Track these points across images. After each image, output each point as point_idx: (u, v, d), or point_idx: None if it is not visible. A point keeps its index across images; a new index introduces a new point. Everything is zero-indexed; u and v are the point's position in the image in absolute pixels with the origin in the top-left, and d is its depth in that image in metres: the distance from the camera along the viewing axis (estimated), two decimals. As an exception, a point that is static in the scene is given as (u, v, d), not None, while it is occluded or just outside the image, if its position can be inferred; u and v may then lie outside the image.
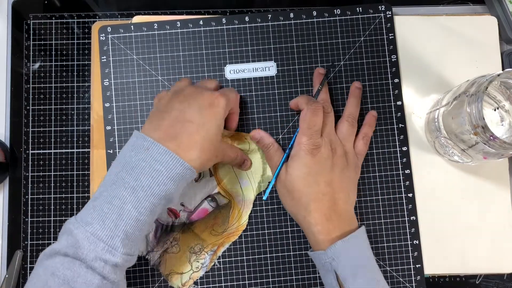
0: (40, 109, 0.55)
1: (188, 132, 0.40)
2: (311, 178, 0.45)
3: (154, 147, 0.39)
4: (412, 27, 0.55)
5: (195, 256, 0.50)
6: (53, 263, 0.37)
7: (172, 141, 0.40)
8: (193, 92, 0.44)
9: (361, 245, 0.44)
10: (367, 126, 0.51)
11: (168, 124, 0.41)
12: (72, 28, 0.56)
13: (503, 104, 0.47)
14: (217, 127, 0.43)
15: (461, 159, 0.50)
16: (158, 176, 0.38)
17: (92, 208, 0.38)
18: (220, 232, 0.50)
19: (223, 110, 0.43)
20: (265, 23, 0.54)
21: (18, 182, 0.54)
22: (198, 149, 0.40)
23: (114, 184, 0.39)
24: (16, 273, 0.51)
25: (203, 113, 0.42)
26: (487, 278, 0.53)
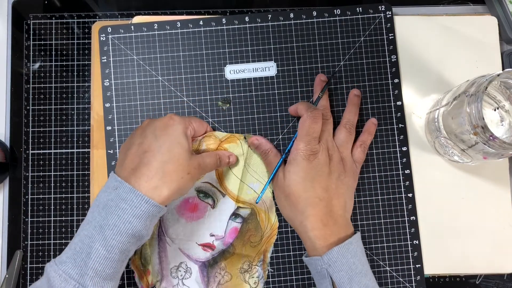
0: (40, 109, 0.55)
1: (145, 162, 0.41)
2: (308, 182, 0.45)
3: (122, 186, 0.40)
4: (412, 27, 0.55)
5: (248, 274, 0.50)
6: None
7: (134, 176, 0.40)
8: (149, 122, 0.44)
9: (357, 251, 0.44)
10: (366, 134, 0.51)
11: (129, 160, 0.42)
12: (72, 28, 0.56)
13: (503, 104, 0.47)
14: (178, 144, 0.42)
15: (461, 159, 0.50)
16: (123, 215, 0.39)
17: (68, 247, 0.40)
18: (258, 241, 0.50)
19: (180, 125, 0.43)
20: (265, 23, 0.54)
21: (18, 182, 0.54)
22: (159, 176, 0.40)
23: (88, 223, 0.40)
24: (16, 273, 0.51)
25: (159, 137, 0.42)
26: (487, 278, 0.53)
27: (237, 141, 0.51)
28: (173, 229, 0.50)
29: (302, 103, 0.48)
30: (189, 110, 0.53)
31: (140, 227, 0.39)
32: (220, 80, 0.53)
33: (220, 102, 0.53)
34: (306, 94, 0.53)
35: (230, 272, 0.50)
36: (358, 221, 0.52)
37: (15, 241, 0.53)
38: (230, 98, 0.53)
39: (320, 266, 0.43)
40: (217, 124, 0.52)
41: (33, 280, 0.52)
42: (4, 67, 0.55)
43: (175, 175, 0.41)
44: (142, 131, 0.44)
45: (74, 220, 0.53)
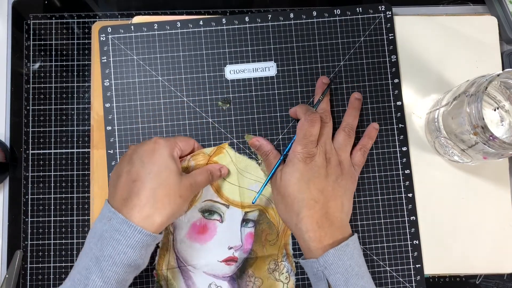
0: (40, 109, 0.55)
1: (136, 192, 0.41)
2: (303, 184, 0.45)
3: (115, 217, 0.40)
4: (412, 27, 0.55)
5: (277, 272, 0.50)
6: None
7: (126, 207, 0.40)
8: (135, 149, 0.44)
9: (353, 253, 0.44)
10: (366, 138, 0.51)
11: (120, 190, 0.42)
12: (72, 28, 0.56)
13: (503, 104, 0.47)
14: (166, 169, 0.42)
15: (461, 159, 0.50)
16: (118, 246, 0.39)
17: (68, 278, 0.40)
18: (275, 238, 0.50)
19: (166, 148, 0.43)
20: (265, 23, 0.54)
21: (18, 182, 0.54)
22: (150, 204, 0.40)
23: (85, 254, 0.40)
24: (16, 273, 0.51)
25: (146, 164, 0.42)
26: (487, 278, 0.53)
27: (223, 151, 0.51)
28: (191, 257, 0.50)
29: (301, 106, 0.48)
30: (189, 110, 0.53)
31: (136, 257, 0.40)
32: (220, 80, 0.53)
33: (220, 102, 0.53)
34: (306, 94, 0.53)
35: (260, 276, 0.50)
36: (358, 221, 0.52)
37: (15, 241, 0.53)
38: (230, 98, 0.53)
39: (316, 269, 0.43)
40: (217, 124, 0.52)
41: (33, 280, 0.52)
42: (4, 67, 0.55)
43: (166, 201, 0.41)
44: (129, 159, 0.43)
45: (74, 220, 0.53)
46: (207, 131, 0.52)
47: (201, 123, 0.53)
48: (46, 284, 0.52)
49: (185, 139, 0.48)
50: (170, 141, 0.45)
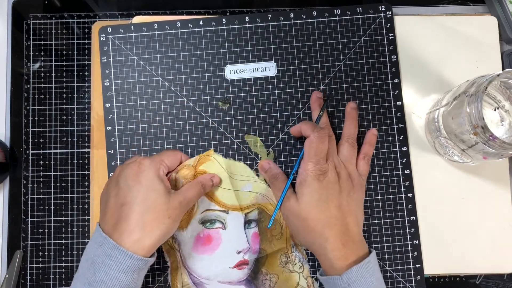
0: (40, 109, 0.55)
1: (124, 217, 0.41)
2: (323, 203, 0.44)
3: (106, 242, 0.40)
4: (412, 27, 0.55)
5: (290, 264, 0.50)
6: None
7: (116, 232, 0.41)
8: (121, 171, 0.44)
9: (374, 270, 0.44)
10: (367, 146, 0.51)
11: (109, 215, 0.42)
12: (72, 28, 0.56)
13: (503, 104, 0.47)
14: (153, 191, 0.42)
15: (461, 159, 0.50)
16: (110, 271, 0.39)
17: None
18: (280, 231, 0.50)
19: (150, 170, 0.43)
20: (265, 23, 0.54)
21: (18, 182, 0.54)
22: (139, 229, 0.41)
23: (78, 279, 0.41)
24: (16, 273, 0.51)
25: (132, 187, 0.42)
26: (487, 278, 0.53)
27: (209, 158, 0.51)
28: (202, 270, 0.50)
29: (306, 123, 0.48)
30: (189, 110, 0.53)
31: (128, 281, 0.40)
32: (220, 80, 0.53)
33: (220, 102, 0.53)
34: (306, 94, 0.53)
35: (274, 272, 0.50)
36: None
37: (15, 241, 0.53)
38: (230, 98, 0.53)
39: (340, 286, 0.42)
40: (217, 124, 0.52)
41: (33, 280, 0.52)
42: (4, 67, 0.55)
43: (155, 224, 0.41)
44: (116, 182, 0.43)
45: (74, 220, 0.53)
46: (207, 131, 0.52)
47: (201, 123, 0.53)
48: (46, 284, 0.52)
49: (171, 153, 0.48)
50: (155, 160, 0.44)
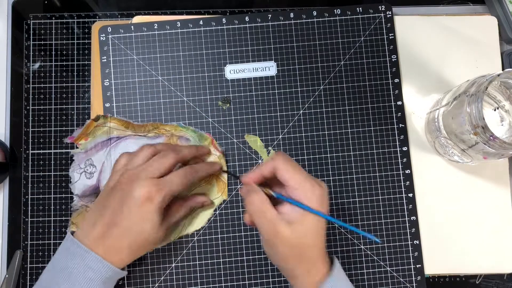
0: (40, 109, 0.55)
1: (115, 236, 0.42)
2: (320, 228, 0.40)
3: (89, 256, 0.41)
4: (412, 27, 0.55)
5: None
6: None
7: (102, 243, 0.41)
8: (129, 187, 0.42)
9: (342, 276, 0.42)
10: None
11: (103, 224, 0.42)
12: (72, 28, 0.56)
13: (503, 104, 0.47)
14: (150, 225, 0.42)
15: (461, 159, 0.50)
16: (90, 283, 0.40)
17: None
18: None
19: (157, 206, 0.42)
20: (265, 23, 0.54)
21: (18, 182, 0.54)
22: (125, 251, 0.42)
23: (50, 286, 0.40)
24: (16, 273, 0.51)
25: (133, 215, 0.41)
26: (487, 278, 0.53)
27: (219, 192, 0.51)
28: None
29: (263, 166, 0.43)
30: (189, 110, 0.53)
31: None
32: (220, 80, 0.53)
33: (220, 102, 0.53)
34: (306, 94, 0.53)
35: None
36: (358, 221, 0.51)
37: (15, 241, 0.53)
38: (230, 98, 0.53)
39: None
40: (217, 124, 0.52)
41: (33, 280, 0.52)
42: (4, 67, 0.55)
43: (140, 251, 0.43)
44: (122, 196, 0.42)
45: (74, 220, 0.53)
46: (207, 131, 0.52)
47: (201, 123, 0.53)
48: (46, 284, 0.52)
49: (184, 183, 0.44)
50: (166, 198, 0.42)
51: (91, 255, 0.41)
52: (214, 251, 0.51)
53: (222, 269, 0.51)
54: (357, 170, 0.52)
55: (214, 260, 0.51)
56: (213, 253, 0.51)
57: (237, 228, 0.51)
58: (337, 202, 0.52)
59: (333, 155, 0.52)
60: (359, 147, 0.53)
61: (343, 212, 0.52)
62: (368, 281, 0.51)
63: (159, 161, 0.44)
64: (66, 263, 0.41)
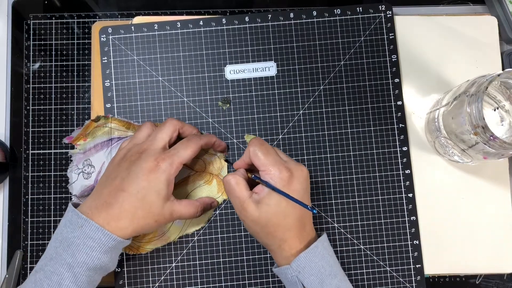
0: (40, 109, 0.55)
1: (120, 202, 0.41)
2: (289, 208, 0.43)
3: (87, 225, 0.40)
4: (412, 27, 0.55)
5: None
6: None
7: (105, 211, 0.41)
8: (137, 158, 0.43)
9: (324, 254, 0.43)
10: None
11: (108, 192, 0.42)
12: (72, 28, 0.56)
13: (503, 104, 0.47)
14: (155, 193, 0.42)
15: (461, 159, 0.50)
16: (92, 252, 0.40)
17: (33, 284, 0.40)
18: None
19: (164, 174, 0.42)
20: (265, 23, 0.54)
21: (18, 182, 0.54)
22: (128, 218, 0.41)
23: (52, 259, 0.40)
24: (16, 273, 0.51)
25: (140, 181, 0.42)
26: (487, 278, 0.53)
27: (219, 192, 0.51)
28: None
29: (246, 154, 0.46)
30: (189, 110, 0.53)
31: (108, 260, 0.41)
32: (220, 80, 0.53)
33: (220, 102, 0.53)
34: (306, 94, 0.53)
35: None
36: (358, 221, 0.52)
37: (15, 241, 0.53)
38: (230, 98, 0.53)
39: (290, 275, 0.43)
40: (217, 124, 0.52)
41: (33, 280, 0.52)
42: (4, 67, 0.55)
43: (142, 221, 0.42)
44: (129, 165, 0.43)
45: (74, 220, 0.53)
46: (207, 131, 0.52)
47: (201, 123, 0.53)
48: (46, 284, 0.52)
49: (192, 152, 0.45)
50: (173, 164, 0.43)
51: (90, 224, 0.40)
52: (214, 251, 0.51)
53: (222, 269, 0.51)
54: (357, 170, 0.52)
55: (214, 260, 0.51)
56: (213, 253, 0.51)
57: (237, 228, 0.51)
58: (337, 202, 0.52)
59: (333, 155, 0.52)
60: (359, 147, 0.53)
61: (343, 212, 0.52)
62: (368, 281, 0.51)
63: (162, 131, 0.46)
64: (67, 234, 0.41)
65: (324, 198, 0.52)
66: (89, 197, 0.43)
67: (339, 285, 0.43)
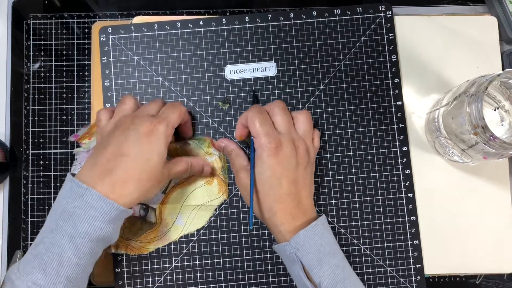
0: (40, 109, 0.55)
1: (123, 167, 0.40)
2: (274, 180, 0.44)
3: (88, 194, 0.39)
4: (412, 27, 0.55)
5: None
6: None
7: (108, 177, 0.40)
8: (131, 123, 0.43)
9: (323, 233, 0.44)
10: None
11: (105, 159, 0.41)
12: (72, 28, 0.56)
13: (503, 104, 0.47)
14: (158, 155, 0.42)
15: (461, 159, 0.50)
16: (95, 222, 0.39)
17: (33, 257, 0.39)
18: (124, 237, 0.49)
19: (163, 136, 0.43)
20: (265, 23, 0.54)
21: (18, 182, 0.54)
22: (134, 183, 0.41)
23: (52, 231, 0.39)
24: (16, 273, 0.51)
25: (141, 144, 0.42)
26: (487, 278, 0.53)
27: (220, 192, 0.51)
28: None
29: (240, 118, 0.48)
30: (189, 110, 0.53)
31: (111, 231, 0.40)
32: (220, 80, 0.53)
33: (220, 102, 0.53)
34: (306, 94, 0.53)
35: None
36: (358, 221, 0.52)
37: (15, 241, 0.53)
38: (230, 98, 0.53)
39: (289, 251, 0.43)
40: (217, 124, 0.52)
41: (33, 280, 0.52)
42: (4, 67, 0.55)
43: (148, 184, 0.42)
44: (124, 131, 0.42)
45: (74, 220, 0.53)
46: (207, 131, 0.52)
47: (201, 123, 0.53)
48: (46, 284, 0.52)
49: (179, 112, 0.46)
50: (169, 126, 0.44)
51: (92, 193, 0.39)
52: (214, 251, 0.51)
53: (222, 269, 0.51)
54: (357, 170, 0.52)
55: (214, 260, 0.51)
56: (213, 253, 0.51)
57: (237, 228, 0.51)
58: (337, 202, 0.52)
59: (333, 155, 0.52)
60: (359, 147, 0.53)
61: (343, 212, 0.52)
62: (368, 281, 0.51)
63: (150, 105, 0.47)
64: (67, 205, 0.39)
65: (324, 198, 0.52)
66: (83, 168, 0.42)
67: (338, 264, 0.43)
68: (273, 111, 0.47)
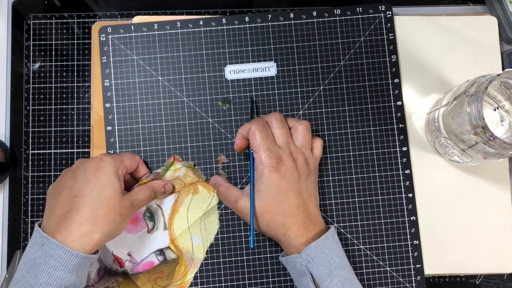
0: (40, 109, 0.55)
1: (77, 208, 0.40)
2: (281, 195, 0.44)
3: (48, 243, 0.39)
4: (412, 27, 0.55)
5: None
6: None
7: (64, 223, 0.40)
8: (80, 164, 0.43)
9: (333, 246, 0.44)
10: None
11: (60, 205, 0.41)
12: (72, 28, 0.56)
13: (503, 104, 0.47)
14: (108, 186, 0.42)
15: (461, 159, 0.50)
16: (54, 272, 0.38)
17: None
18: (162, 286, 0.49)
19: (111, 166, 0.43)
20: (265, 23, 0.54)
21: (18, 182, 0.54)
22: (90, 222, 0.40)
23: (18, 282, 0.39)
24: (16, 273, 0.51)
25: (90, 180, 0.42)
26: (487, 278, 0.53)
27: (211, 192, 0.51)
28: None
29: (241, 128, 0.47)
30: (189, 110, 0.53)
31: (73, 279, 0.39)
32: (220, 80, 0.53)
33: (220, 102, 0.53)
34: (306, 94, 0.53)
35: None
36: (358, 221, 0.52)
37: (15, 241, 0.53)
38: (230, 98, 0.53)
39: (299, 264, 0.43)
40: (217, 124, 0.52)
41: (33, 280, 0.52)
42: (4, 67, 0.55)
43: (106, 220, 0.41)
44: (73, 174, 0.43)
45: (74, 220, 0.53)
46: (207, 131, 0.52)
47: (201, 123, 0.53)
48: (46, 284, 0.52)
49: (131, 157, 0.48)
50: (116, 159, 0.44)
51: (51, 242, 0.39)
52: (214, 251, 0.51)
53: (222, 269, 0.51)
54: (357, 170, 0.52)
55: (214, 260, 0.51)
56: (213, 253, 0.51)
57: (237, 228, 0.51)
58: (337, 202, 0.52)
59: (333, 155, 0.52)
60: (359, 147, 0.53)
61: (343, 212, 0.52)
62: (368, 281, 0.51)
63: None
64: (31, 254, 0.39)
65: (324, 198, 0.52)
66: (44, 216, 0.42)
67: (347, 277, 0.43)
68: (271, 124, 0.46)
